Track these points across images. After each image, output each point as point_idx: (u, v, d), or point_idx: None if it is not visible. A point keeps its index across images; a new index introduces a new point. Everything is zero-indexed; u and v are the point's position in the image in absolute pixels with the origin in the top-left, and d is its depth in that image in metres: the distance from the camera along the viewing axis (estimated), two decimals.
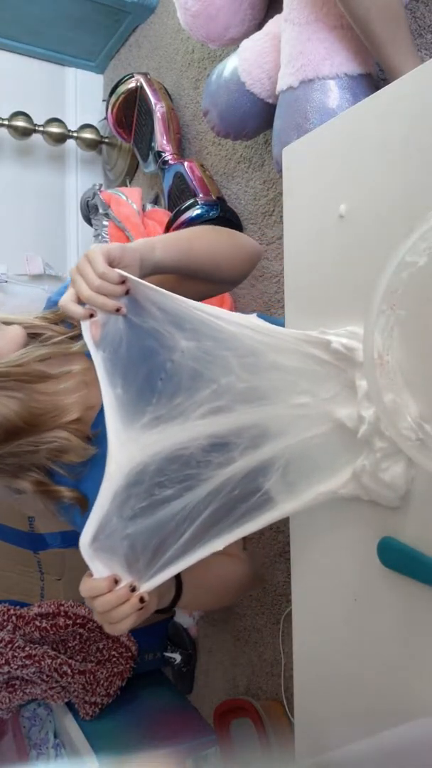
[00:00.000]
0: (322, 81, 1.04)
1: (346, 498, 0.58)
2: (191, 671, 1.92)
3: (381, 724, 0.53)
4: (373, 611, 0.57)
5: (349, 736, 0.49)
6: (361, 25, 0.95)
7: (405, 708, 0.53)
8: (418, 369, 0.50)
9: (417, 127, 0.53)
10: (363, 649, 0.58)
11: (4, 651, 1.65)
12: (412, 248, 0.44)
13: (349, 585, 0.60)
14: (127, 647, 1.83)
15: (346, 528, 0.59)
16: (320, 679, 0.64)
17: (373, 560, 0.57)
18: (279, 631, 1.56)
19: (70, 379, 0.76)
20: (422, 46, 1.14)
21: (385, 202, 0.56)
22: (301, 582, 0.66)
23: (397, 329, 0.48)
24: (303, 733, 0.66)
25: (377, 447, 0.53)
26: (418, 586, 0.52)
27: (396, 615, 0.55)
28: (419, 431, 0.45)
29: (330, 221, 0.61)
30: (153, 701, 1.91)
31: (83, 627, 1.77)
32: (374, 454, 0.53)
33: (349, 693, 0.60)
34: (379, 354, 0.46)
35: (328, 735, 0.62)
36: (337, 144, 0.62)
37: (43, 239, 2.32)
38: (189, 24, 1.43)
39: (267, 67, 1.25)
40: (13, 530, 1.80)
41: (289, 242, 0.67)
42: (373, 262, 0.56)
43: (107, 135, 2.25)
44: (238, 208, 1.68)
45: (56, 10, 2.03)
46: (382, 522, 0.56)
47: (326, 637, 0.62)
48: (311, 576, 0.65)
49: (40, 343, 0.76)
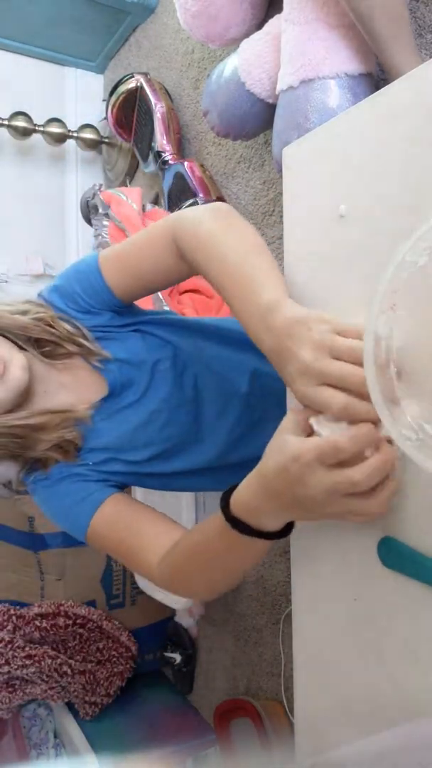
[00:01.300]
0: (322, 81, 1.04)
1: None
2: (191, 671, 1.92)
3: (381, 724, 0.53)
4: (373, 611, 0.57)
5: (349, 736, 0.49)
6: (364, 23, 0.95)
7: (405, 708, 0.53)
8: (418, 369, 0.50)
9: (417, 127, 0.53)
10: (363, 650, 0.58)
11: (4, 651, 1.66)
12: (412, 248, 0.44)
13: (349, 585, 0.60)
14: (127, 647, 1.83)
15: (347, 528, 0.59)
16: (320, 679, 0.64)
17: (373, 560, 0.57)
18: (279, 631, 1.56)
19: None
20: (422, 46, 1.14)
21: (385, 202, 0.56)
22: (301, 582, 0.66)
23: (397, 329, 0.48)
24: (303, 733, 0.66)
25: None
26: (419, 586, 0.52)
27: (396, 615, 0.55)
28: (419, 431, 0.45)
29: (330, 221, 0.61)
30: (153, 701, 1.91)
31: (83, 627, 1.77)
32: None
33: (349, 693, 0.60)
34: (379, 354, 0.46)
35: (328, 735, 0.62)
36: (337, 144, 0.62)
37: (43, 239, 2.32)
38: (189, 24, 1.43)
39: (267, 67, 1.25)
40: (13, 530, 1.80)
41: (289, 242, 0.67)
42: (373, 262, 0.56)
43: (107, 135, 2.25)
44: (238, 208, 1.68)
45: (56, 10, 2.03)
46: (383, 522, 0.56)
47: (326, 637, 0.62)
48: (311, 576, 0.65)
49: (37, 353, 0.77)
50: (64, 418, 0.77)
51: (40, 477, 0.78)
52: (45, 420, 0.76)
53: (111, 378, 0.80)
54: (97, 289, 0.79)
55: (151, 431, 0.82)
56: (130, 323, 0.83)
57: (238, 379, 0.86)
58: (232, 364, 0.87)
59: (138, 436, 0.81)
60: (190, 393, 0.84)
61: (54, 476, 0.78)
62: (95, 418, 0.80)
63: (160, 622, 1.95)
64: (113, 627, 1.82)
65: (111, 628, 1.81)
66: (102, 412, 0.80)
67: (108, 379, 0.80)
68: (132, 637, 1.86)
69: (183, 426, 0.83)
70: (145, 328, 0.84)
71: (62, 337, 0.78)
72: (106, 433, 0.80)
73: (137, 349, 0.82)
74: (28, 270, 2.24)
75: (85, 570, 1.81)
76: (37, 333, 0.77)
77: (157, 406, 0.82)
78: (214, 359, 0.86)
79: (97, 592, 1.84)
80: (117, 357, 0.81)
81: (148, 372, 0.82)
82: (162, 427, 0.82)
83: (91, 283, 0.79)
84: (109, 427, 0.80)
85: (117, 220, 1.85)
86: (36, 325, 0.77)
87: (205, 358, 0.86)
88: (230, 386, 0.85)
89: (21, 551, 1.81)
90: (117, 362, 0.81)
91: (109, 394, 0.80)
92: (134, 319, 0.84)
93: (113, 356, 0.80)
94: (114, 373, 0.80)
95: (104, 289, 0.78)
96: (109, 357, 0.80)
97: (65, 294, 0.81)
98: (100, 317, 0.81)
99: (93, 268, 0.79)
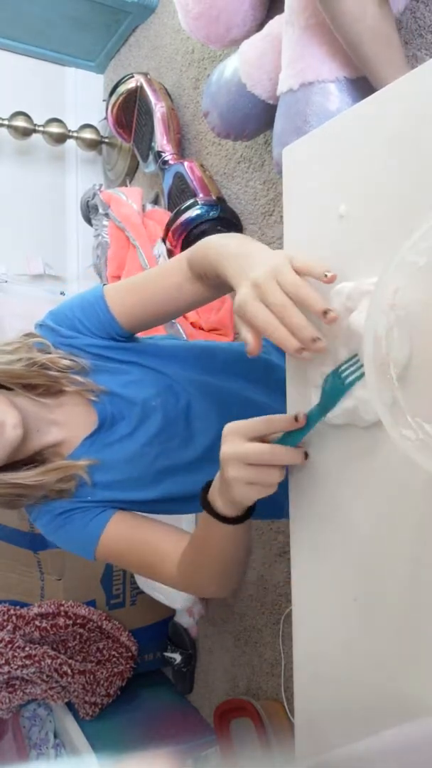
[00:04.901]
0: (322, 84, 1.04)
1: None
2: (191, 671, 1.92)
3: (381, 724, 0.53)
4: (373, 611, 0.57)
5: (349, 736, 0.49)
6: (354, 49, 0.95)
7: (405, 708, 0.53)
8: (418, 369, 0.50)
9: (416, 127, 0.53)
10: (363, 649, 0.58)
11: (4, 651, 1.66)
12: (412, 248, 0.44)
13: (349, 585, 0.60)
14: (127, 647, 1.83)
15: (347, 528, 0.60)
16: (320, 679, 0.64)
17: (373, 560, 0.57)
18: (279, 631, 1.56)
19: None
20: (422, 46, 1.14)
21: (385, 202, 0.56)
22: (301, 582, 0.66)
23: (397, 329, 0.48)
24: (303, 733, 0.66)
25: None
26: (419, 586, 0.52)
27: (396, 615, 0.55)
28: (419, 431, 0.45)
29: (330, 221, 0.61)
30: (153, 701, 1.91)
31: (83, 627, 1.77)
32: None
33: (350, 693, 0.60)
34: (380, 354, 0.46)
35: (328, 735, 0.62)
36: (337, 144, 0.62)
37: (43, 239, 2.32)
38: (190, 26, 1.43)
39: (268, 68, 1.25)
40: (13, 530, 1.80)
41: (289, 242, 0.67)
42: (373, 262, 0.56)
43: (107, 135, 2.25)
44: (238, 208, 1.68)
45: (56, 10, 2.03)
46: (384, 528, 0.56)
47: (326, 637, 0.62)
48: (311, 576, 0.65)
49: (30, 396, 0.78)
50: (64, 474, 0.78)
51: (43, 512, 0.80)
52: (44, 480, 0.77)
53: (101, 411, 0.81)
54: (101, 317, 0.80)
55: (142, 465, 0.82)
56: (125, 359, 0.84)
57: (230, 408, 0.85)
58: (224, 392, 0.87)
59: (130, 470, 0.82)
60: (182, 424, 0.84)
61: (56, 509, 0.79)
62: (84, 452, 0.81)
63: (160, 622, 1.95)
64: (113, 627, 1.82)
65: (111, 628, 1.81)
66: (93, 447, 0.81)
67: (98, 412, 0.81)
68: (132, 637, 1.86)
69: (175, 457, 0.83)
70: (140, 360, 0.84)
71: (57, 378, 0.79)
72: (100, 468, 0.81)
73: (130, 383, 0.83)
74: (28, 270, 2.24)
75: (85, 570, 1.81)
76: (30, 379, 0.78)
77: (148, 440, 0.82)
78: (207, 389, 0.86)
79: (97, 592, 1.84)
80: (109, 390, 0.81)
81: (140, 407, 0.82)
82: (153, 460, 0.82)
83: (95, 311, 0.80)
84: (101, 461, 0.81)
85: (117, 220, 1.85)
86: (29, 372, 0.78)
87: (198, 387, 0.86)
88: (223, 415, 0.85)
89: (21, 551, 1.81)
90: (108, 395, 0.81)
91: (98, 426, 0.81)
92: (129, 353, 0.84)
93: (107, 389, 0.81)
94: (105, 405, 0.81)
95: (108, 317, 0.80)
96: (104, 390, 0.81)
97: (64, 320, 0.82)
98: (98, 340, 0.82)
99: (98, 298, 0.80)
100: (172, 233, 1.68)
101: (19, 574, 1.83)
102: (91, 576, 1.83)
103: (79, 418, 0.81)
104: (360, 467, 0.58)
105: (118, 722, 1.78)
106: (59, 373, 0.79)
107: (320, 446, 0.62)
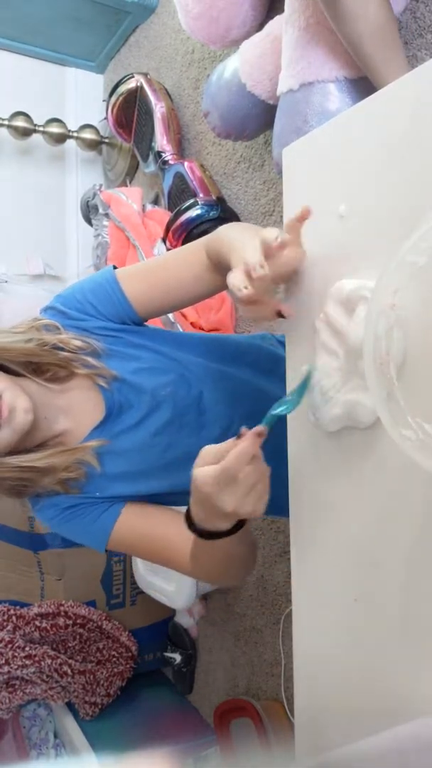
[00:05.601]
0: (322, 84, 1.04)
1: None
2: (191, 671, 1.92)
3: (381, 724, 0.53)
4: (373, 611, 0.57)
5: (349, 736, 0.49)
6: (354, 48, 0.95)
7: (405, 708, 0.53)
8: (418, 369, 0.50)
9: (416, 127, 0.53)
10: (363, 649, 0.58)
11: (4, 651, 1.66)
12: (412, 248, 0.44)
13: (349, 585, 0.60)
14: (127, 647, 1.83)
15: (347, 529, 0.60)
16: (320, 679, 0.64)
17: (373, 560, 0.57)
18: (279, 631, 1.56)
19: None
20: (422, 46, 1.14)
21: (385, 202, 0.56)
22: (301, 582, 0.66)
23: (397, 329, 0.48)
24: (303, 733, 0.66)
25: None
26: (419, 586, 0.52)
27: (396, 615, 0.55)
28: (419, 431, 0.45)
29: (330, 221, 0.61)
30: (153, 701, 1.91)
31: (83, 627, 1.77)
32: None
33: (349, 693, 0.60)
34: (380, 354, 0.46)
35: (328, 735, 0.62)
36: (336, 144, 0.62)
37: (43, 239, 2.32)
38: (190, 26, 1.43)
39: (268, 69, 1.25)
40: (13, 530, 1.80)
41: None
42: (373, 262, 0.56)
43: (107, 135, 2.25)
44: (238, 208, 1.68)
45: (56, 10, 2.03)
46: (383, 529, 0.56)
47: (326, 637, 0.62)
48: (311, 576, 0.65)
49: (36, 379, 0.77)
50: (72, 460, 0.76)
51: (48, 505, 0.79)
52: (53, 462, 0.75)
53: (108, 399, 0.79)
54: (114, 300, 0.79)
55: (152, 456, 0.80)
56: (137, 342, 0.82)
57: (242, 398, 0.84)
58: (237, 381, 0.86)
59: (139, 460, 0.80)
60: (194, 413, 0.82)
61: (62, 503, 0.78)
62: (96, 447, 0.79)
63: (160, 622, 1.94)
64: (113, 627, 1.82)
65: (111, 628, 1.81)
66: (101, 437, 0.79)
67: (105, 400, 0.79)
68: (132, 637, 1.85)
69: (186, 448, 0.81)
70: (153, 345, 0.83)
71: (69, 359, 0.77)
72: (110, 457, 0.80)
73: (140, 370, 0.81)
74: (28, 270, 2.24)
75: (85, 570, 1.81)
76: (42, 358, 0.76)
77: (158, 429, 0.80)
78: (220, 378, 0.85)
79: (97, 592, 1.84)
80: (119, 376, 0.79)
81: (149, 395, 0.80)
82: (163, 451, 0.81)
83: (108, 294, 0.79)
84: (109, 453, 0.80)
85: (117, 220, 1.85)
86: (42, 351, 0.76)
87: (212, 375, 0.84)
88: (235, 404, 0.84)
89: (21, 551, 1.81)
90: (118, 382, 0.79)
91: (106, 416, 0.79)
92: (143, 336, 0.83)
93: (118, 375, 0.79)
94: (113, 393, 0.79)
95: (123, 301, 0.78)
96: (116, 376, 0.78)
97: (73, 302, 0.80)
98: (109, 323, 0.80)
99: (111, 281, 0.79)
100: (172, 233, 1.68)
101: (19, 574, 1.83)
102: (91, 576, 1.83)
103: (86, 405, 0.79)
104: (360, 468, 0.58)
105: (118, 722, 1.78)
106: (71, 353, 0.77)
107: (320, 447, 0.62)
